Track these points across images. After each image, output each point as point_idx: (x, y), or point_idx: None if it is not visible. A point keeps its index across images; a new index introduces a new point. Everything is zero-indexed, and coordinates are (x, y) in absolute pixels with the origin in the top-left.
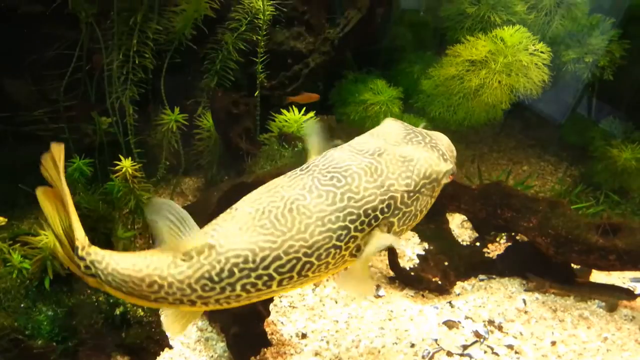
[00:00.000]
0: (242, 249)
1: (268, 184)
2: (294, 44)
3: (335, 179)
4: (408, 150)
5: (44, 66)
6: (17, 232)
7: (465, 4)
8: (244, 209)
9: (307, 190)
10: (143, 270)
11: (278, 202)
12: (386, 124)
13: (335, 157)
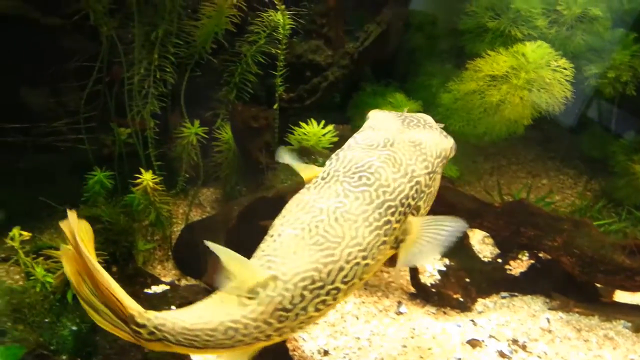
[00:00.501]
0: (305, 270)
1: (296, 203)
2: (313, 57)
3: (364, 178)
4: (413, 135)
5: (64, 78)
6: (40, 246)
7: (485, 17)
8: (288, 232)
9: (343, 196)
10: (213, 320)
11: (320, 216)
12: (376, 116)
13: (352, 157)
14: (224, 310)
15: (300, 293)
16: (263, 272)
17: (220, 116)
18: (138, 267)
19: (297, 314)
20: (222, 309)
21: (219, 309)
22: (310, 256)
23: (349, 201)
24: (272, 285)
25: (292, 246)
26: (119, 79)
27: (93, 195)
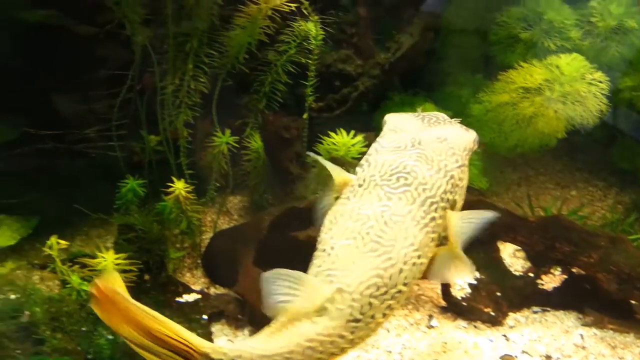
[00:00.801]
0: (368, 278)
1: (339, 213)
2: (343, 66)
3: (402, 179)
4: (437, 132)
5: (96, 86)
6: (75, 254)
7: (517, 28)
8: (341, 243)
9: (386, 200)
10: (289, 343)
11: (369, 222)
12: (394, 119)
13: (384, 161)
14: (296, 332)
15: (367, 302)
16: (328, 287)
17: (250, 125)
18: (170, 276)
19: (367, 323)
20: (294, 331)
21: (291, 331)
22: (369, 263)
23: (393, 203)
24: (339, 299)
25: (349, 256)
26: (150, 87)
27: (125, 203)
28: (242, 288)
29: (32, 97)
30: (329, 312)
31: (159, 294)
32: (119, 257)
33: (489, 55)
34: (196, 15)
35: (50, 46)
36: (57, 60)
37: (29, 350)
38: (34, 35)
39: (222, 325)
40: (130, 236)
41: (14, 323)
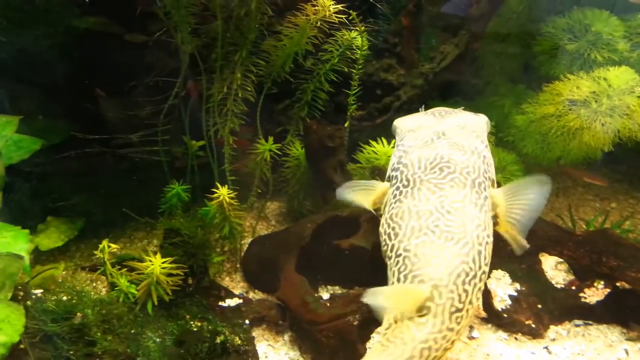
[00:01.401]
0: (456, 266)
1: (399, 217)
2: (385, 75)
3: (445, 168)
4: (454, 121)
5: (142, 92)
6: (123, 257)
7: (563, 39)
8: (414, 243)
9: (439, 190)
10: (406, 351)
11: (434, 215)
12: (406, 121)
13: (418, 157)
14: (408, 337)
15: (463, 289)
16: (422, 287)
17: (290, 132)
18: (212, 280)
19: (467, 310)
20: (406, 337)
21: (403, 338)
22: (451, 253)
23: (448, 192)
24: (437, 295)
25: (429, 252)
26: (195, 94)
27: (170, 207)
28: (283, 294)
29: (80, 102)
30: (432, 310)
31: (202, 298)
32: (165, 261)
33: (531, 65)
34: (245, 25)
35: (99, 52)
36: (105, 66)
37: (81, 351)
38: (84, 42)
39: (262, 331)
40: (176, 240)
41: (67, 324)
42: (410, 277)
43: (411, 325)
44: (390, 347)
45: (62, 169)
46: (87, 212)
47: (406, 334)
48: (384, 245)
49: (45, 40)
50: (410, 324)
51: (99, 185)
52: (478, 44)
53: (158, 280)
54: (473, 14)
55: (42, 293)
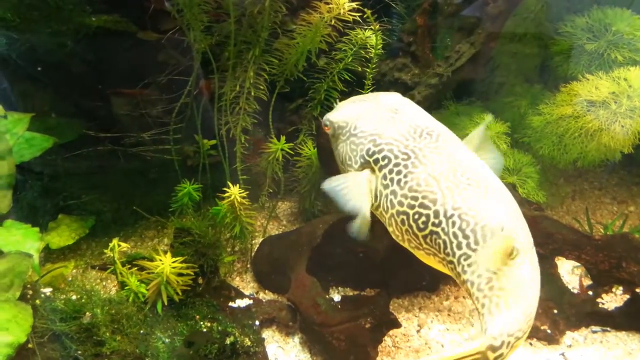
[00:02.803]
0: (507, 204)
1: (420, 185)
2: (399, 75)
3: (432, 133)
4: (388, 100)
5: (155, 90)
6: (134, 256)
7: (582, 39)
8: (459, 199)
9: (444, 150)
10: (525, 293)
11: (458, 171)
12: (343, 115)
13: (399, 133)
14: (520, 279)
15: (519, 218)
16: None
17: (303, 131)
18: (223, 280)
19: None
20: (517, 280)
21: (515, 283)
22: (495, 196)
23: (451, 149)
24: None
25: (480, 202)
26: (207, 93)
27: (181, 207)
28: (294, 295)
29: (92, 100)
30: (519, 248)
31: (212, 298)
32: (175, 261)
33: (548, 65)
34: (258, 23)
35: (111, 50)
36: (117, 64)
37: (89, 351)
38: (96, 40)
39: (272, 332)
40: (187, 240)
41: (76, 324)
42: (479, 229)
43: (514, 270)
44: (509, 297)
45: (73, 168)
46: (98, 210)
47: (515, 278)
48: (419, 219)
49: (57, 38)
50: (512, 269)
51: (110, 183)
52: (495, 43)
53: (168, 279)
54: (490, 12)
55: (52, 292)
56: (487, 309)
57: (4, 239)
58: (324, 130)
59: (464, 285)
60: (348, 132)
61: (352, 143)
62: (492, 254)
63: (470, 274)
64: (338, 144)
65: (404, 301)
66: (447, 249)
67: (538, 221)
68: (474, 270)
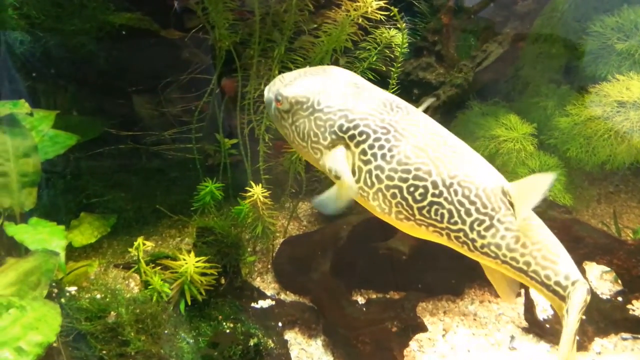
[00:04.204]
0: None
1: (409, 157)
2: (423, 74)
3: (402, 106)
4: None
5: (177, 88)
6: (157, 255)
7: (612, 39)
8: (452, 167)
9: (419, 121)
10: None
11: (441, 139)
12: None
13: (370, 108)
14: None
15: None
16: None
17: None
18: (245, 280)
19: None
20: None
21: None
22: (479, 158)
23: (423, 121)
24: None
25: (473, 166)
26: (229, 91)
27: (203, 205)
28: (317, 297)
29: (114, 98)
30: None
31: (234, 299)
32: (199, 260)
33: (575, 65)
34: (284, 22)
35: (134, 48)
36: (140, 62)
37: (114, 351)
38: (119, 38)
39: (295, 334)
40: (210, 239)
41: (101, 323)
42: (482, 192)
43: (533, 223)
44: (550, 247)
45: (95, 166)
46: (119, 208)
47: (540, 229)
48: (416, 191)
49: (80, 36)
50: (531, 223)
51: (131, 182)
52: (523, 42)
53: (192, 279)
54: (519, 11)
55: (76, 290)
56: (537, 264)
57: (30, 236)
58: (276, 105)
59: (482, 250)
60: (311, 108)
61: (318, 119)
62: (508, 214)
63: (492, 237)
64: (295, 120)
65: (428, 304)
66: (453, 218)
67: (568, 225)
68: (494, 233)
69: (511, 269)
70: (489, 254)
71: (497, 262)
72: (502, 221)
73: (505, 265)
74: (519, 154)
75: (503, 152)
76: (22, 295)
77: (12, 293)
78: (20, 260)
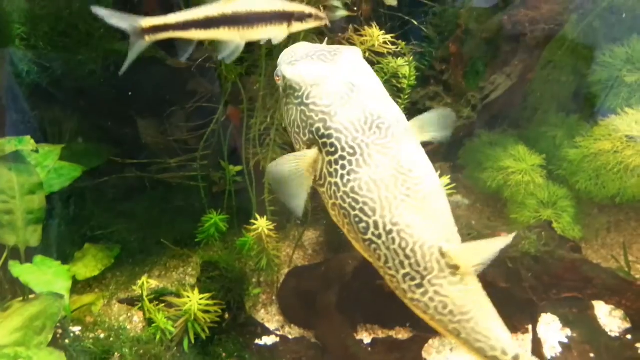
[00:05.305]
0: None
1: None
2: (430, 104)
3: (382, 126)
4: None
5: (183, 117)
6: (161, 292)
7: (623, 70)
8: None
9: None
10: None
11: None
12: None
13: (350, 121)
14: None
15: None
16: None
17: None
18: (249, 316)
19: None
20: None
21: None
22: (434, 208)
23: (396, 150)
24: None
25: (419, 217)
26: (236, 120)
27: (207, 238)
28: (322, 334)
29: (120, 126)
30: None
31: (238, 335)
32: (202, 297)
33: (585, 95)
34: None
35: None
36: (146, 90)
37: None
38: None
39: None
40: (214, 274)
41: None
42: (418, 249)
43: (462, 286)
44: (479, 315)
45: (100, 194)
46: (123, 239)
47: (471, 294)
48: (359, 223)
49: (86, 65)
50: (461, 286)
51: (135, 211)
52: (532, 74)
53: (195, 317)
54: (528, 44)
55: (80, 330)
56: (467, 335)
57: (35, 278)
58: (275, 79)
59: (413, 303)
60: (300, 98)
61: (303, 113)
62: (440, 277)
63: (421, 295)
64: (287, 103)
65: (434, 341)
66: (388, 264)
67: (577, 265)
68: (423, 292)
69: (441, 330)
70: (420, 309)
71: (428, 319)
72: (433, 283)
73: (435, 325)
74: (527, 185)
75: (512, 184)
76: (28, 341)
77: (18, 339)
78: (26, 304)
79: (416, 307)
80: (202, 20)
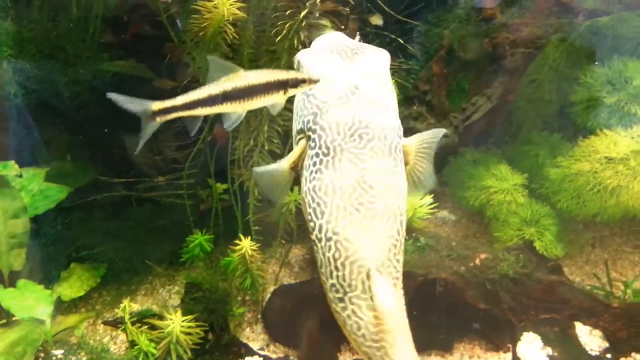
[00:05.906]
0: (387, 244)
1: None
2: (414, 124)
3: (364, 136)
4: (364, 68)
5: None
6: (144, 313)
7: (602, 91)
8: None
9: (360, 162)
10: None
11: (357, 192)
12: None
13: (336, 122)
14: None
15: (396, 260)
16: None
17: None
18: (233, 336)
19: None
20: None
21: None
22: (379, 231)
23: (368, 163)
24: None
25: (359, 234)
26: (222, 139)
27: (192, 258)
28: (305, 354)
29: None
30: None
31: (221, 355)
32: (185, 320)
33: (568, 114)
34: None
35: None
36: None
37: None
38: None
39: None
40: (197, 295)
41: None
42: (348, 264)
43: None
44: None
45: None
46: (109, 259)
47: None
48: (310, 221)
49: (74, 86)
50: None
51: (121, 230)
52: (512, 96)
53: (177, 339)
54: (507, 67)
55: (63, 354)
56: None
57: (17, 303)
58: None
59: (335, 314)
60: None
61: (303, 102)
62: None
63: (342, 310)
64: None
65: None
66: (322, 269)
67: (554, 287)
68: (343, 307)
69: (356, 349)
70: (340, 322)
71: (346, 334)
72: (353, 302)
73: (351, 342)
74: (509, 205)
75: (494, 203)
76: None
77: None
78: (7, 330)
79: (337, 320)
80: (206, 99)
